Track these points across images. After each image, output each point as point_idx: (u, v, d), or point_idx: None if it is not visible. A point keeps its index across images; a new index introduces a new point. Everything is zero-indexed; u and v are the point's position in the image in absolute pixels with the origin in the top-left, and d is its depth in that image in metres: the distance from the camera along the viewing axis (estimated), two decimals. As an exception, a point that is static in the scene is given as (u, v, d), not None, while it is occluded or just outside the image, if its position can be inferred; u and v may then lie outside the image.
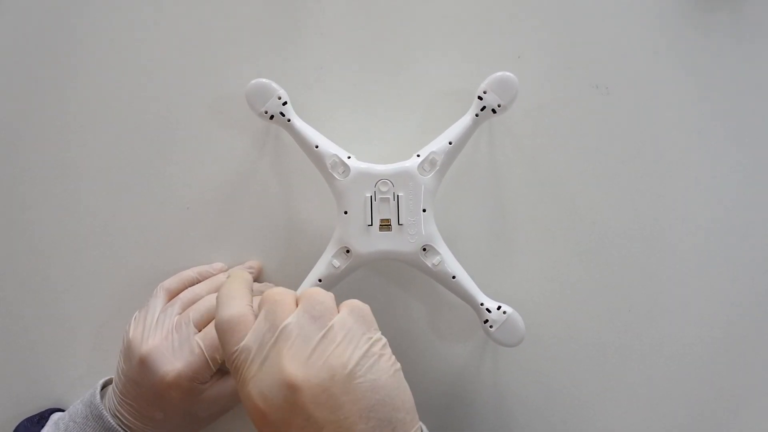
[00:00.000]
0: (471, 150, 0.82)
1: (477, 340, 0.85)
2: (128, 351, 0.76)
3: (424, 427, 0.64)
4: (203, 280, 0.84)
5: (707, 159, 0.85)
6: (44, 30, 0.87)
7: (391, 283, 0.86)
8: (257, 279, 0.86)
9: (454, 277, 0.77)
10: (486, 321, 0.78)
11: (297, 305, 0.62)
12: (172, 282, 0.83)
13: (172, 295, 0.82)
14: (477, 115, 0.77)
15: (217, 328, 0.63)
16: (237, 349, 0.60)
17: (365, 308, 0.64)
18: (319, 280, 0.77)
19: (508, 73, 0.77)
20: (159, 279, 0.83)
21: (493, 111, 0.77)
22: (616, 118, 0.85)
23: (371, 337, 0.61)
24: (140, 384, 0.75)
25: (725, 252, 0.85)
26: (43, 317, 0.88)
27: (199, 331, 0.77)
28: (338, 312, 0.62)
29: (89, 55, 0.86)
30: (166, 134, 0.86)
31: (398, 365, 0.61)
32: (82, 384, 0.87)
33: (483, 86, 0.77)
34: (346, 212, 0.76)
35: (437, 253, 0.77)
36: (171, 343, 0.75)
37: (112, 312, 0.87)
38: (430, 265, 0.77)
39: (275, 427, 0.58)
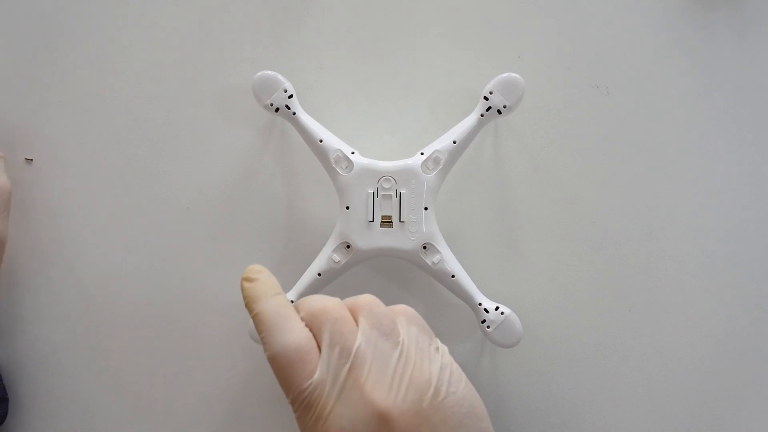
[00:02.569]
0: (471, 149, 0.82)
1: (476, 340, 0.85)
2: None
3: None
4: None
5: (707, 159, 0.85)
6: (44, 26, 0.87)
7: (390, 282, 0.86)
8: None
9: (453, 276, 0.77)
10: (483, 321, 0.78)
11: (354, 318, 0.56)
12: None
13: None
14: (482, 116, 0.78)
15: (277, 361, 0.53)
16: (310, 384, 0.52)
17: (417, 314, 0.59)
18: (318, 274, 0.77)
19: (514, 74, 0.77)
20: (159, 279, 0.83)
21: (499, 112, 0.77)
22: (616, 118, 0.85)
23: (437, 347, 0.57)
24: None
25: (725, 252, 0.85)
26: (43, 315, 0.87)
27: None
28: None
29: (90, 55, 0.86)
30: (165, 134, 0.86)
31: (463, 372, 0.57)
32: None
33: (489, 87, 0.78)
34: (347, 207, 0.76)
35: (437, 251, 0.77)
36: None
37: (112, 313, 0.87)
38: (429, 264, 0.77)
39: None
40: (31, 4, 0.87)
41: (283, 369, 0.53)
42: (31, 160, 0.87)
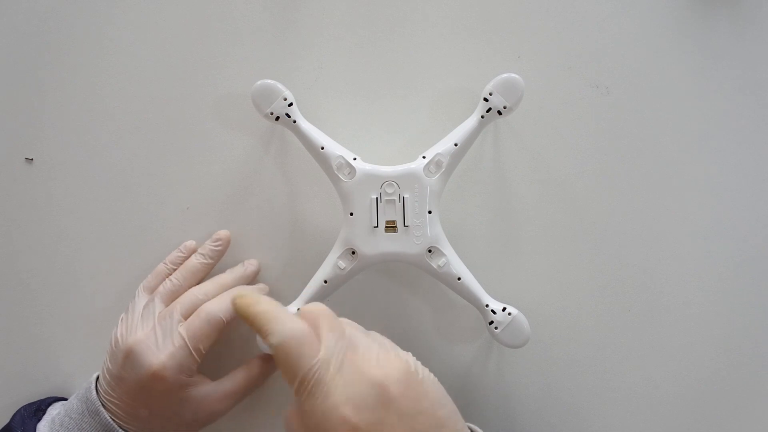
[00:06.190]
0: (471, 149, 0.82)
1: (481, 341, 0.86)
2: (114, 349, 0.76)
3: None
4: (177, 267, 0.84)
5: (707, 159, 0.85)
6: (45, 30, 0.86)
7: (395, 284, 0.86)
8: (254, 279, 0.86)
9: (459, 279, 0.77)
10: (491, 322, 0.78)
11: None
12: (150, 281, 0.83)
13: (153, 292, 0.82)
14: (483, 117, 0.77)
15: (282, 348, 0.59)
16: (317, 361, 0.58)
17: None
18: (325, 281, 0.77)
19: (513, 75, 0.77)
20: (160, 278, 0.83)
21: (499, 113, 0.77)
22: (616, 118, 0.85)
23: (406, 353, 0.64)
24: (125, 379, 0.74)
25: (725, 252, 0.85)
26: (43, 316, 0.88)
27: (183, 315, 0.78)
28: None
29: (90, 55, 0.86)
30: (166, 134, 0.86)
31: None
32: (84, 379, 0.87)
33: (488, 88, 0.77)
34: (351, 214, 0.76)
35: (443, 254, 0.77)
36: (155, 336, 0.75)
37: (112, 311, 0.86)
38: (435, 267, 0.77)
39: None
40: (31, 5, 0.86)
41: (291, 352, 0.59)
42: (32, 159, 0.86)
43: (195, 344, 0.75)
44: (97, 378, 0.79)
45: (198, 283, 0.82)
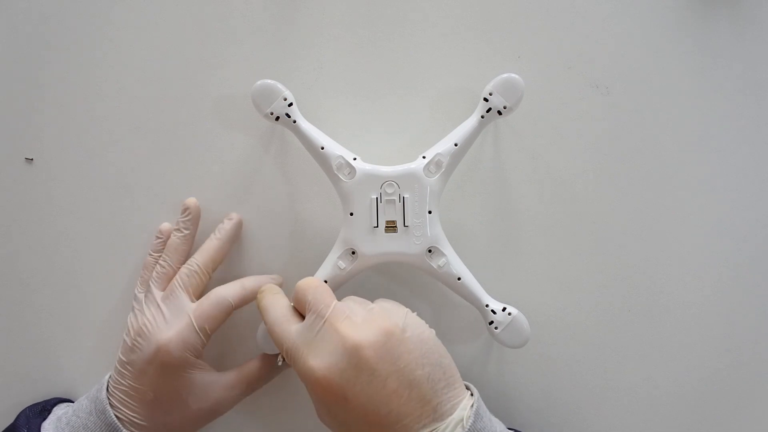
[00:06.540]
0: (471, 149, 0.82)
1: (481, 341, 0.86)
2: (124, 339, 0.79)
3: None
4: (162, 254, 0.84)
5: (707, 159, 0.85)
6: (45, 30, 0.86)
7: (394, 283, 0.86)
8: (238, 232, 0.86)
9: (459, 279, 0.77)
10: (491, 322, 0.78)
11: None
12: (142, 275, 0.84)
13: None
14: (483, 117, 0.77)
15: (271, 334, 0.71)
16: (289, 335, 0.68)
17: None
18: (325, 281, 0.77)
19: (513, 75, 0.77)
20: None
21: (499, 113, 0.77)
22: (616, 118, 0.85)
23: (407, 311, 0.70)
24: (133, 362, 0.76)
25: (725, 252, 0.85)
26: (43, 316, 0.88)
27: (189, 292, 0.80)
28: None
29: (90, 55, 0.86)
30: (166, 134, 0.86)
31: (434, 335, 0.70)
32: (86, 380, 0.88)
33: (489, 88, 0.77)
34: (351, 214, 0.76)
35: (443, 254, 0.77)
36: (162, 315, 0.78)
37: (112, 311, 0.87)
38: (435, 267, 0.77)
39: (341, 391, 0.64)
40: (31, 5, 0.86)
41: (274, 334, 0.70)
42: (32, 159, 0.86)
43: (201, 324, 0.76)
44: (109, 379, 0.79)
45: (186, 257, 0.83)
